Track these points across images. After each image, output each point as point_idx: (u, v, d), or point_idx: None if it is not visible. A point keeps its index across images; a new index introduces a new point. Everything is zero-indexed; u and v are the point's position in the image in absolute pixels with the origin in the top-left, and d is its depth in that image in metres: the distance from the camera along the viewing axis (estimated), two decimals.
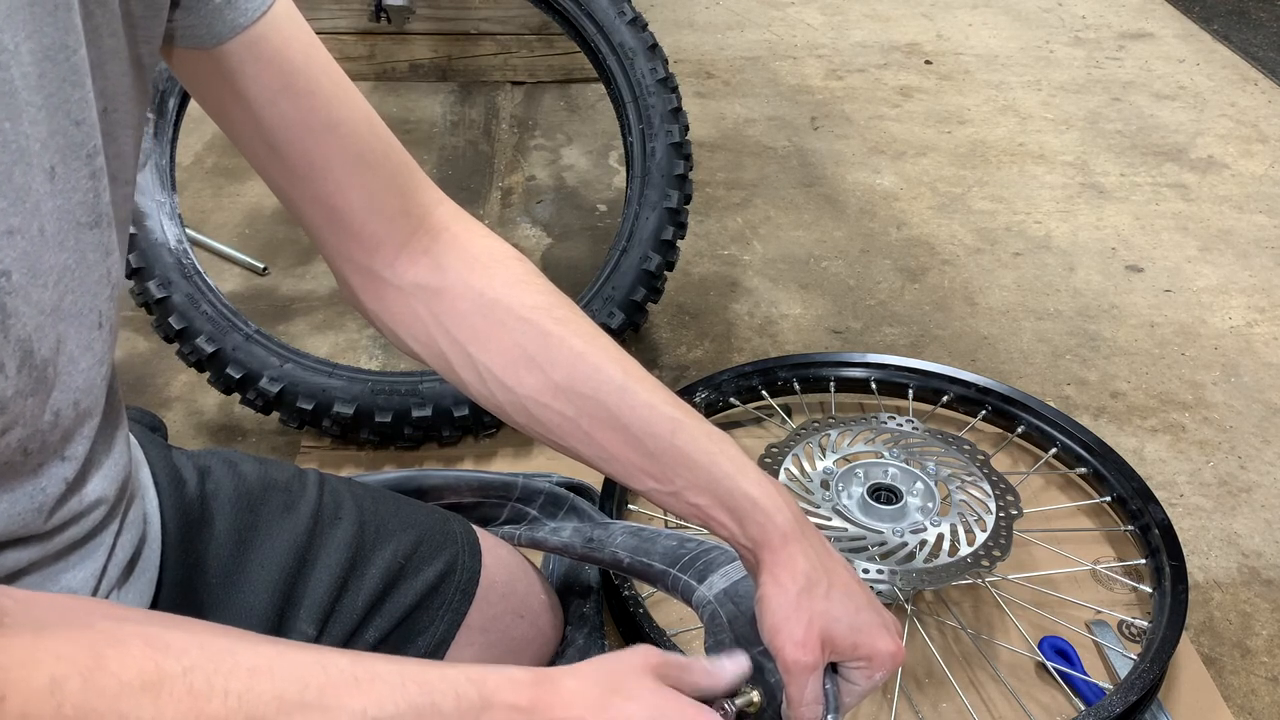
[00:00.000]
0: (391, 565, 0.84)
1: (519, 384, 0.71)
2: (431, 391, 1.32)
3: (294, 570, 0.80)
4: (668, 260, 1.44)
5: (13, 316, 0.48)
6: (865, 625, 0.71)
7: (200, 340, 1.31)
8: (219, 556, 0.77)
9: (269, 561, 0.79)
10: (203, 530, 0.77)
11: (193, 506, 0.77)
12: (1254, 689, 1.13)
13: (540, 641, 0.97)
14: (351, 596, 0.82)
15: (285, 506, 0.82)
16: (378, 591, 0.83)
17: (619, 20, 1.50)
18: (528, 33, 2.36)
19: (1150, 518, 1.22)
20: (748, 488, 0.71)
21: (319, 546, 0.81)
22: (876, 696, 1.07)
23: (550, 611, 0.99)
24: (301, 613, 0.79)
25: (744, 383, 1.43)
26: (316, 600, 0.80)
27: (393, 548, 0.85)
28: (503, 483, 1.13)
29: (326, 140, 0.67)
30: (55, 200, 0.50)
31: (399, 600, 0.84)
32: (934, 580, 1.08)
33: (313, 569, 0.81)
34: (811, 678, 0.70)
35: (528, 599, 0.95)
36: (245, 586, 0.77)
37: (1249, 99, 2.44)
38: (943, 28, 2.79)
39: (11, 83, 0.46)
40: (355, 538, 0.83)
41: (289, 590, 0.79)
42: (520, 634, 0.94)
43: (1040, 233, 1.92)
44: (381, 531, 0.85)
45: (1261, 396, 1.55)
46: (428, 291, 0.72)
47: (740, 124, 2.29)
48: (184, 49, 0.63)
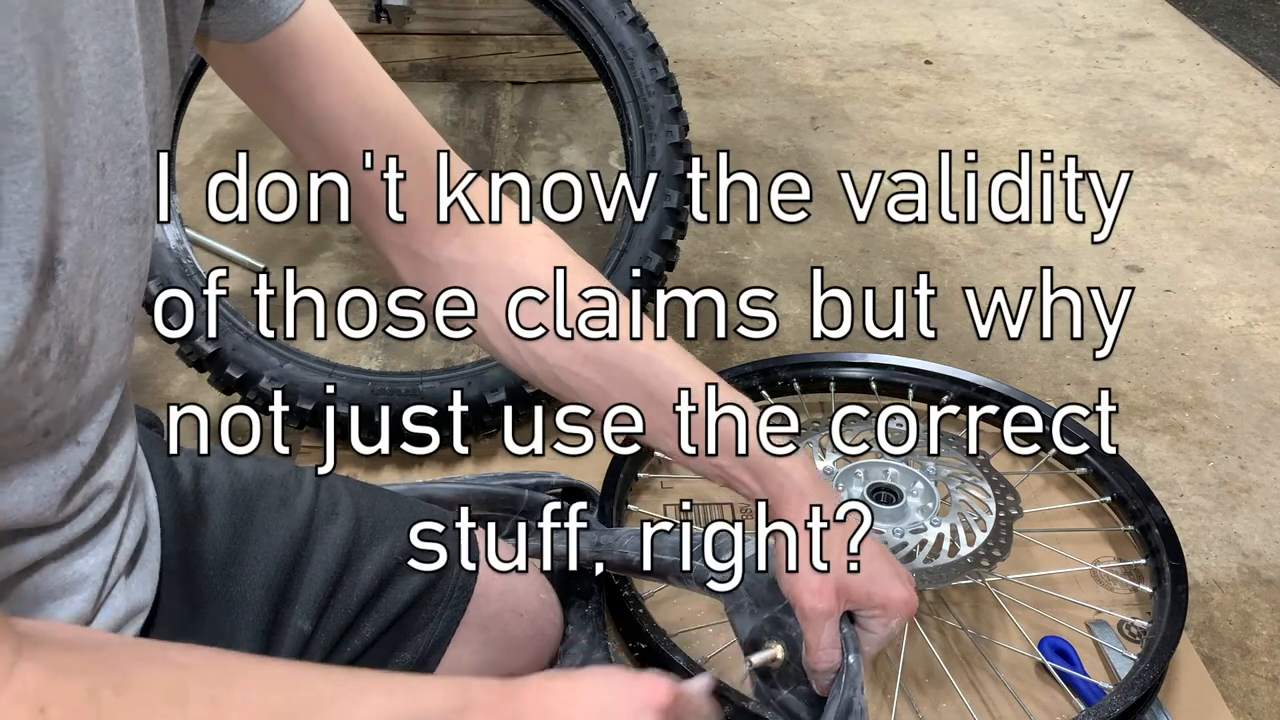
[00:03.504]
0: (387, 561, 0.85)
1: (549, 354, 0.76)
2: (432, 391, 1.32)
3: (289, 565, 0.80)
4: (668, 260, 1.44)
5: (64, 304, 0.51)
6: (879, 575, 0.76)
7: (200, 340, 1.32)
8: (215, 551, 0.78)
9: (265, 556, 0.79)
10: (198, 525, 0.78)
11: (188, 501, 0.78)
12: (1254, 689, 1.13)
13: (539, 640, 0.97)
14: (346, 592, 0.83)
15: (281, 502, 0.83)
16: (373, 587, 0.84)
17: (619, 20, 1.50)
18: (528, 33, 2.36)
19: (1150, 518, 1.22)
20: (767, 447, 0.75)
21: (315, 542, 0.82)
22: (877, 697, 1.07)
23: (550, 610, 0.99)
24: (297, 608, 0.80)
25: (744, 383, 1.43)
26: (312, 595, 0.80)
27: (389, 544, 0.86)
28: (509, 496, 1.14)
29: (362, 128, 0.70)
30: (103, 195, 0.52)
31: (395, 597, 0.85)
32: (934, 580, 1.08)
33: (308, 565, 0.81)
34: (828, 624, 0.74)
35: (527, 597, 0.96)
36: (241, 581, 0.78)
37: (1249, 99, 2.44)
38: (943, 28, 2.79)
39: (79, 81, 0.49)
40: (351, 534, 0.84)
41: (285, 585, 0.80)
42: (519, 633, 0.94)
43: (1040, 233, 1.92)
44: (378, 528, 0.86)
45: (1261, 396, 1.55)
46: (463, 268, 0.76)
47: (740, 124, 2.29)
48: (219, 42, 0.66)
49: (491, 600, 0.90)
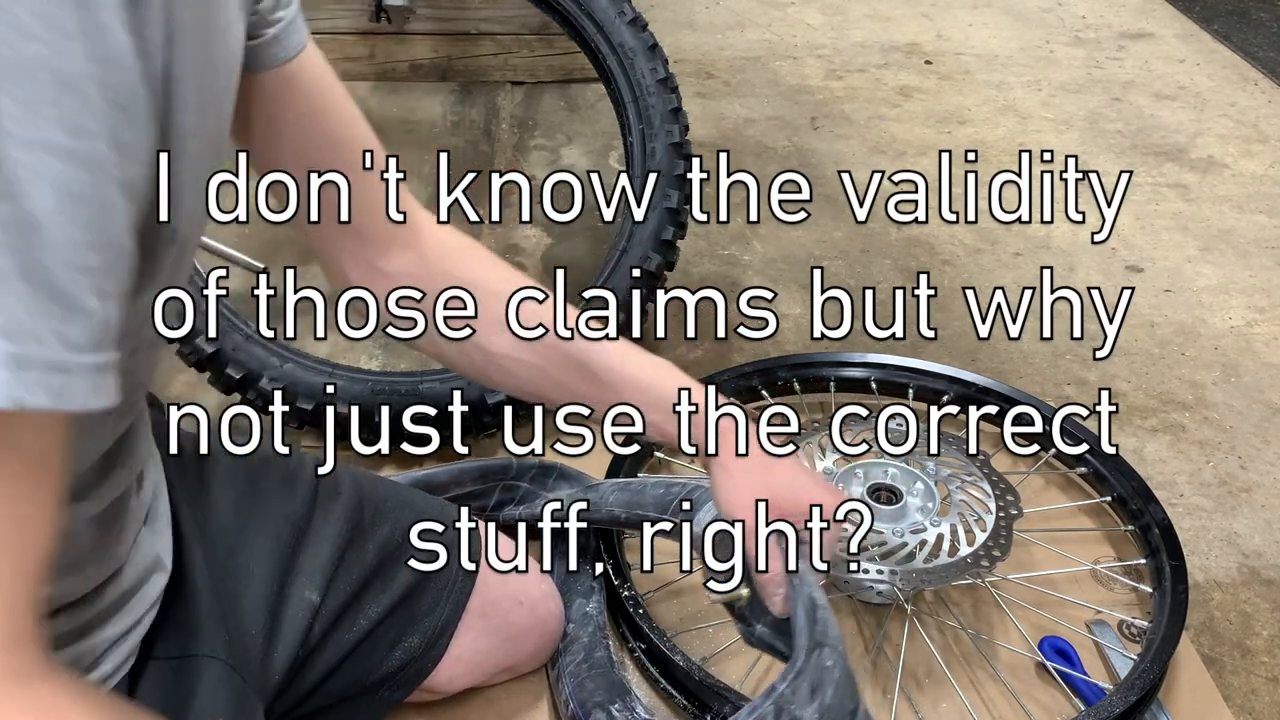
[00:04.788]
0: (390, 540, 0.90)
1: (492, 345, 0.84)
2: (432, 391, 1.32)
3: (295, 539, 0.85)
4: (668, 260, 1.44)
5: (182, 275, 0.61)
6: (804, 486, 0.83)
7: (200, 340, 1.32)
8: (219, 523, 0.82)
9: (270, 529, 0.84)
10: (202, 496, 0.83)
11: (190, 472, 0.83)
12: (1254, 689, 1.13)
13: (540, 631, 1.00)
14: (350, 566, 0.87)
15: (283, 479, 0.87)
16: (374, 565, 0.88)
17: (619, 20, 1.50)
18: (528, 33, 2.36)
19: (1150, 518, 1.22)
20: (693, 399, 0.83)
21: (319, 518, 0.87)
22: (877, 697, 1.07)
23: (549, 601, 1.02)
24: (304, 579, 0.84)
25: (744, 383, 1.43)
26: (319, 567, 0.85)
27: (391, 524, 0.91)
28: (499, 467, 1.20)
29: (340, 153, 0.79)
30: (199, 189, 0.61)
31: (400, 578, 0.89)
32: (934, 580, 1.08)
33: (313, 539, 0.86)
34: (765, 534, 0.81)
35: (526, 586, 0.99)
36: (246, 553, 0.83)
37: (1249, 99, 2.44)
38: (943, 28, 2.79)
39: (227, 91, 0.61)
40: (354, 511, 0.89)
41: (291, 559, 0.84)
42: (519, 620, 0.98)
43: (1040, 233, 1.92)
44: (381, 509, 0.91)
45: (1261, 396, 1.55)
46: (414, 278, 0.85)
47: (740, 124, 2.29)
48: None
49: (493, 586, 0.94)
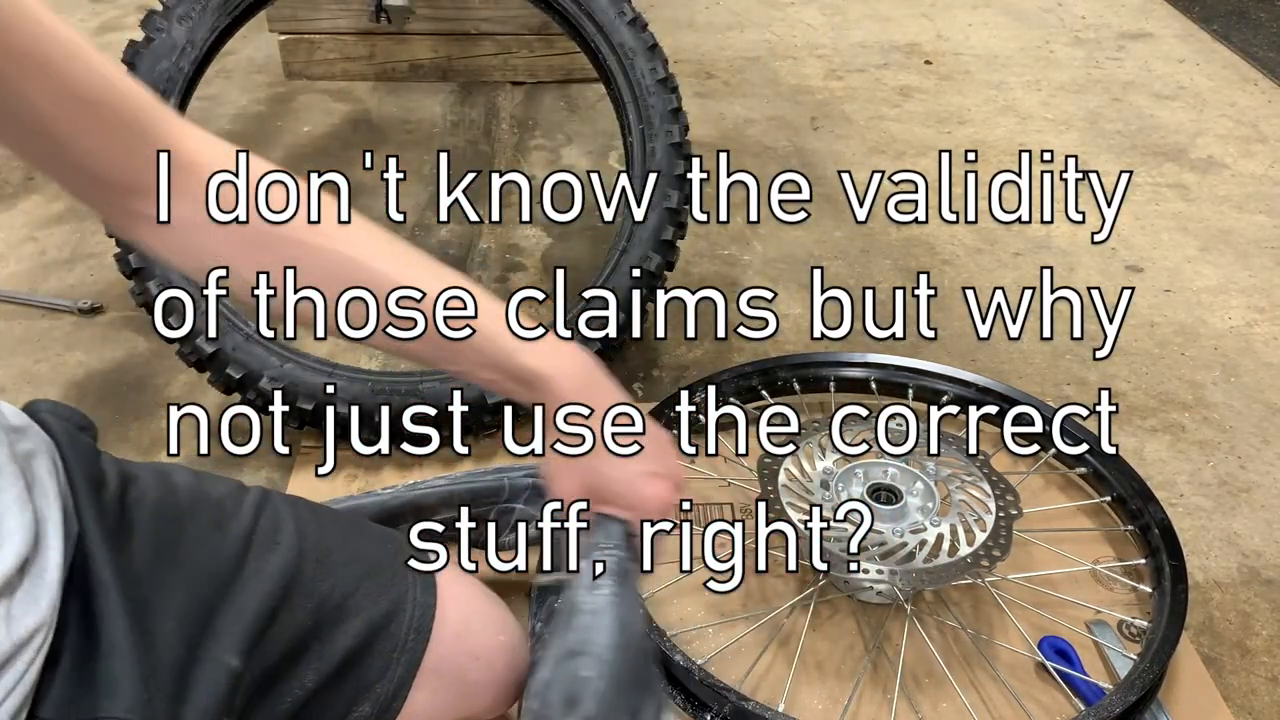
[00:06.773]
0: (328, 601, 0.80)
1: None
2: (431, 391, 1.32)
3: (214, 595, 0.74)
4: (668, 260, 1.44)
5: None
6: (632, 476, 0.78)
7: (200, 340, 1.32)
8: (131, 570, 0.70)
9: (185, 584, 0.73)
10: (119, 541, 0.71)
11: (110, 512, 0.72)
12: (1254, 689, 1.13)
13: (497, 686, 0.91)
14: (280, 629, 0.77)
15: (214, 524, 0.77)
16: (310, 626, 0.79)
17: (619, 20, 1.50)
18: (528, 33, 2.36)
19: (1150, 518, 1.22)
20: (530, 360, 0.76)
21: (249, 572, 0.76)
22: (877, 697, 1.07)
23: (507, 653, 0.93)
24: (223, 641, 0.73)
25: (744, 383, 1.43)
26: (242, 629, 0.74)
27: (332, 582, 0.81)
28: (491, 488, 1.15)
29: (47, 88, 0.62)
30: None
31: (337, 641, 0.80)
32: (934, 580, 1.08)
33: (237, 595, 0.75)
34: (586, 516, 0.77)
35: (483, 638, 0.90)
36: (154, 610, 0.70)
37: (1249, 99, 2.44)
38: (943, 28, 2.79)
39: None
40: (291, 566, 0.79)
41: (206, 617, 0.73)
42: (476, 678, 0.89)
43: (1040, 233, 1.92)
44: (323, 564, 0.81)
45: (1261, 396, 1.55)
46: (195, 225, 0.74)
47: (740, 124, 2.29)
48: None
49: (445, 642, 0.86)
